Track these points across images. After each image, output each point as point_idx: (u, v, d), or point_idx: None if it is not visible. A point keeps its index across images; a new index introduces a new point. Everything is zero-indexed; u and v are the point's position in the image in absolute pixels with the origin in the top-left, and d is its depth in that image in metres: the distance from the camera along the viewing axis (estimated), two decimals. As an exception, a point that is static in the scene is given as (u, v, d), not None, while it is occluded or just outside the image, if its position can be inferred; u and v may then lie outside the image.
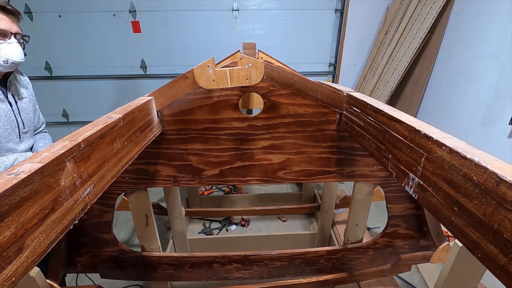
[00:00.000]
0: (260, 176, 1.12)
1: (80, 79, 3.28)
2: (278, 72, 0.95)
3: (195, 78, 0.91)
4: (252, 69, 0.90)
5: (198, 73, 0.90)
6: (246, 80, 0.92)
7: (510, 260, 0.32)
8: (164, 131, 1.02)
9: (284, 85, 0.97)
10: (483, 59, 2.30)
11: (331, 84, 1.18)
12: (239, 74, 0.91)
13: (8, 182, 0.34)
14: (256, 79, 0.92)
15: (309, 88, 0.97)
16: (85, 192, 0.50)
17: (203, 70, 0.90)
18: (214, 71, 0.90)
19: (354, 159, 1.11)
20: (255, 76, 0.92)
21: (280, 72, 0.95)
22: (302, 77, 0.97)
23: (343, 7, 3.11)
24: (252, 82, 0.93)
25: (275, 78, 0.95)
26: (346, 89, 1.02)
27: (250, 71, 0.91)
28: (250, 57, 0.90)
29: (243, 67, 0.90)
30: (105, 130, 0.59)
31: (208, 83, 0.91)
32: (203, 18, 3.02)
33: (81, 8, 2.96)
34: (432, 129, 0.50)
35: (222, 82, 0.92)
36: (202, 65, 0.89)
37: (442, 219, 0.44)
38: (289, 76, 0.96)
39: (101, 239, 1.21)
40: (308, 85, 0.97)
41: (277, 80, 0.96)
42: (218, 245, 2.04)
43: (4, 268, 0.32)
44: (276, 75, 0.95)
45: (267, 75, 0.93)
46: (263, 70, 0.92)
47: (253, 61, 0.89)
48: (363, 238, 1.34)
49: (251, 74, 0.91)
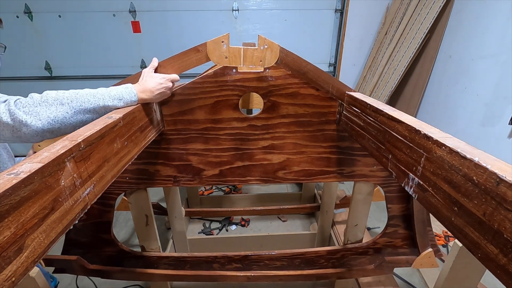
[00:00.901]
0: (260, 176, 1.12)
1: (80, 79, 3.28)
2: (292, 58, 0.92)
3: (208, 53, 0.88)
4: (267, 51, 0.88)
5: (211, 47, 0.88)
6: (259, 61, 0.90)
7: (510, 260, 0.32)
8: (164, 131, 1.02)
9: (298, 72, 0.94)
10: (483, 59, 2.30)
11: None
12: (253, 55, 0.89)
13: (8, 182, 0.34)
14: (270, 61, 0.90)
15: (321, 79, 0.95)
16: (85, 192, 0.50)
17: (216, 45, 0.87)
18: (228, 48, 0.87)
19: (354, 159, 1.11)
20: (269, 58, 0.90)
21: (295, 59, 0.93)
22: (315, 67, 0.95)
23: (343, 7, 3.11)
24: (265, 65, 0.91)
25: (289, 64, 0.93)
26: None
27: (265, 52, 0.88)
28: (266, 38, 0.87)
29: (259, 48, 0.88)
30: (105, 130, 0.59)
31: (220, 59, 0.89)
32: (203, 18, 3.01)
33: (81, 8, 2.96)
34: (432, 129, 0.50)
35: (234, 61, 0.90)
36: (216, 39, 0.87)
37: (442, 219, 0.44)
38: (303, 63, 0.93)
39: (101, 239, 1.21)
40: (321, 75, 0.95)
41: (291, 66, 0.93)
42: (218, 245, 2.03)
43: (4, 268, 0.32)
44: (290, 61, 0.93)
45: (281, 60, 0.91)
46: (278, 54, 0.89)
47: (269, 43, 0.87)
48: (363, 238, 1.34)
49: (266, 56, 0.89)
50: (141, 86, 0.83)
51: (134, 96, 0.79)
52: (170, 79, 0.88)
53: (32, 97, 0.68)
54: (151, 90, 0.84)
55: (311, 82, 0.96)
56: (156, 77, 0.86)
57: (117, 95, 0.76)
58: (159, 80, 0.86)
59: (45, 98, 0.68)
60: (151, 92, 0.84)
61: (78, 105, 0.70)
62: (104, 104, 0.73)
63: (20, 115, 0.65)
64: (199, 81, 0.96)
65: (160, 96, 0.88)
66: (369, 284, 1.61)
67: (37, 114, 0.67)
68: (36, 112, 0.67)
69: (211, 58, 0.88)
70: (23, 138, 0.68)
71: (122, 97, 0.76)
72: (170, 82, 0.88)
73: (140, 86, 0.83)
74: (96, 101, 0.72)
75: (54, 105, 0.68)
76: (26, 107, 0.66)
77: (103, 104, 0.73)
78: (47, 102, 0.68)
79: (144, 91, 0.82)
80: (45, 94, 0.69)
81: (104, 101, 0.73)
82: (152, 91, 0.84)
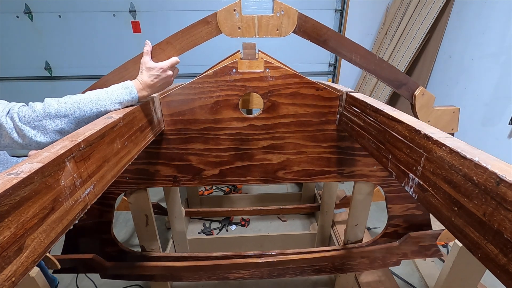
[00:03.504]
0: (260, 176, 1.12)
1: (80, 79, 3.28)
2: (312, 24, 0.85)
3: (218, 24, 0.80)
4: (284, 18, 0.81)
5: (222, 17, 0.80)
6: (276, 31, 0.83)
7: (510, 260, 0.32)
8: (164, 131, 1.02)
9: (317, 40, 0.87)
10: (483, 59, 2.30)
11: (331, 84, 1.18)
12: (269, 23, 0.81)
13: (8, 182, 0.34)
14: (287, 29, 0.83)
15: (344, 46, 0.87)
16: (85, 192, 0.50)
17: (228, 14, 0.80)
18: (240, 17, 0.80)
19: (354, 159, 1.11)
20: (286, 26, 0.82)
21: (315, 25, 0.85)
22: (337, 34, 0.88)
23: (343, 7, 3.11)
24: (282, 34, 0.83)
25: (308, 31, 0.85)
26: (346, 89, 1.02)
27: (281, 20, 0.81)
28: (282, 3, 0.80)
29: (274, 14, 0.80)
30: (105, 130, 0.59)
31: (232, 30, 0.82)
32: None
33: (81, 8, 2.96)
34: (432, 129, 0.50)
35: (248, 31, 0.82)
36: (227, 8, 0.79)
37: (442, 219, 0.44)
38: (323, 30, 0.86)
39: (101, 239, 1.21)
40: (343, 42, 0.87)
41: (309, 33, 0.85)
42: (218, 245, 2.03)
43: (4, 268, 0.32)
44: (310, 28, 0.85)
45: (299, 27, 0.83)
46: (296, 20, 0.82)
47: (286, 8, 0.80)
48: (363, 238, 1.34)
49: (282, 23, 0.81)
50: (141, 83, 0.80)
51: (135, 95, 0.77)
52: (167, 67, 0.83)
53: (34, 110, 0.67)
54: (150, 86, 0.81)
55: (333, 51, 0.89)
56: (153, 69, 0.82)
57: (118, 98, 0.75)
58: (156, 72, 0.81)
59: (48, 110, 0.67)
60: (151, 88, 0.81)
61: (81, 115, 0.70)
62: (106, 110, 0.73)
63: (28, 131, 0.65)
64: (199, 81, 0.96)
65: (162, 88, 0.85)
66: (369, 284, 1.61)
67: (43, 128, 0.67)
68: (42, 126, 0.67)
69: (223, 30, 0.81)
70: (30, 149, 0.70)
71: (123, 99, 0.75)
72: (169, 70, 0.84)
73: (139, 83, 0.80)
74: (98, 108, 0.71)
75: (58, 117, 0.68)
76: (32, 122, 0.66)
77: (105, 110, 0.73)
78: (50, 114, 0.67)
79: (144, 88, 0.80)
80: (46, 105, 0.68)
81: (105, 106, 0.72)
82: (152, 85, 0.81)
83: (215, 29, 0.82)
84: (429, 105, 1.06)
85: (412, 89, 1.04)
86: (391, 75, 0.99)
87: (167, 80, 0.85)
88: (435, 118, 1.09)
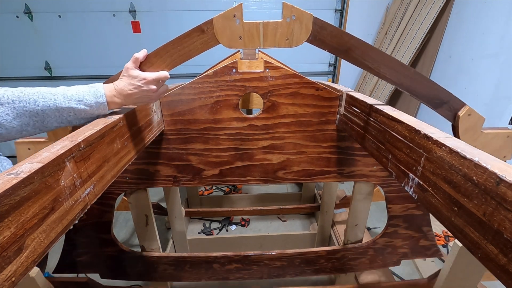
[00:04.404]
0: (260, 176, 1.12)
1: (80, 79, 3.28)
2: (330, 32, 0.69)
3: (215, 33, 0.68)
4: (296, 24, 0.67)
5: (220, 25, 0.68)
6: (285, 40, 0.69)
7: (510, 260, 0.32)
8: (164, 131, 1.02)
9: (336, 50, 0.72)
10: (483, 59, 2.30)
11: (331, 84, 1.18)
12: (277, 31, 0.67)
13: (8, 182, 0.34)
14: (300, 38, 0.69)
15: (370, 57, 0.72)
16: (85, 192, 0.50)
17: (227, 22, 0.68)
18: (242, 24, 0.67)
19: (354, 159, 1.11)
20: (298, 34, 0.68)
21: (334, 32, 0.69)
22: (363, 42, 0.73)
23: (343, 7, 3.11)
24: (293, 43, 0.69)
25: (325, 40, 0.70)
26: (346, 89, 1.02)
27: (292, 26, 0.67)
28: (294, 6, 0.66)
29: (284, 20, 0.67)
30: (105, 130, 0.59)
31: (232, 41, 0.69)
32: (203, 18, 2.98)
33: (81, 8, 2.96)
34: (432, 129, 0.50)
35: (251, 41, 0.69)
36: (226, 13, 0.67)
37: (442, 219, 0.44)
38: (345, 38, 0.71)
39: (101, 239, 1.21)
40: (370, 53, 0.73)
41: (327, 42, 0.71)
42: (218, 245, 2.03)
43: (4, 268, 0.32)
44: (327, 36, 0.69)
45: (314, 35, 0.69)
46: (310, 27, 0.67)
47: (298, 13, 0.66)
48: (363, 238, 1.34)
49: (293, 31, 0.67)
50: (115, 89, 0.68)
51: (101, 99, 0.65)
52: (152, 80, 0.69)
53: None
54: (126, 94, 0.68)
55: (355, 62, 0.74)
56: (135, 78, 0.68)
57: (76, 96, 0.63)
58: (137, 82, 0.68)
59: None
60: (127, 98, 0.68)
61: (21, 106, 0.59)
62: (56, 106, 0.61)
63: None
64: (199, 81, 0.96)
65: (139, 102, 0.72)
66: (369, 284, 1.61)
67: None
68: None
69: (221, 40, 0.69)
70: None
71: (83, 98, 0.63)
72: (152, 84, 0.70)
73: (114, 88, 0.68)
74: (45, 102, 0.60)
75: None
76: None
77: (55, 106, 0.61)
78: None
79: (118, 95, 0.68)
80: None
81: (56, 102, 0.61)
82: (128, 95, 0.68)
83: (211, 39, 0.70)
84: (477, 128, 0.88)
85: (455, 108, 0.87)
86: (429, 91, 0.81)
87: (148, 95, 0.71)
88: (483, 142, 0.92)
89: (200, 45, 0.71)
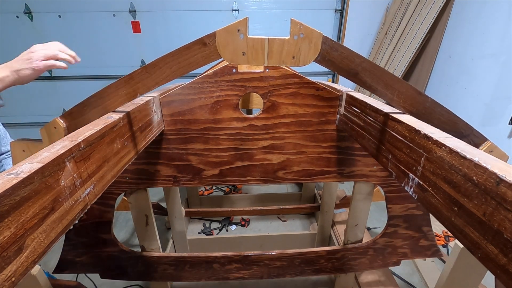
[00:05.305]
0: (260, 176, 1.12)
1: (80, 79, 3.28)
2: (340, 53, 0.66)
3: (217, 47, 0.65)
4: (304, 43, 0.63)
5: (223, 39, 0.64)
6: (291, 59, 0.66)
7: (510, 260, 0.32)
8: (164, 131, 1.02)
9: (346, 72, 0.68)
10: (483, 59, 2.30)
11: (331, 84, 1.18)
12: (283, 49, 0.64)
13: (8, 182, 0.34)
14: (307, 58, 0.66)
15: (383, 82, 0.68)
16: (85, 192, 0.50)
17: (230, 36, 0.64)
18: (246, 39, 0.64)
19: (354, 159, 1.11)
20: (306, 53, 0.65)
21: (344, 54, 0.66)
22: (375, 65, 0.68)
23: (343, 7, 3.11)
24: (300, 63, 0.66)
25: (335, 61, 0.67)
26: (346, 89, 1.02)
27: (300, 45, 0.64)
28: (303, 24, 0.63)
29: (291, 38, 0.63)
30: (105, 130, 0.59)
31: (235, 56, 0.66)
32: (203, 18, 3.02)
33: (81, 8, 2.96)
34: (432, 129, 0.50)
35: (255, 58, 0.66)
36: (229, 27, 0.63)
37: (442, 219, 0.44)
38: (356, 60, 0.66)
39: (101, 239, 1.21)
40: (383, 77, 0.68)
41: (337, 64, 0.67)
42: (218, 245, 2.03)
43: (4, 268, 0.32)
44: (337, 57, 0.66)
45: (323, 55, 0.66)
46: (319, 46, 0.64)
47: (307, 30, 0.62)
48: (363, 238, 1.34)
49: (301, 50, 0.64)
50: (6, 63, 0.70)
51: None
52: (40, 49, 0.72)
53: None
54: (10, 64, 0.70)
55: (365, 86, 0.70)
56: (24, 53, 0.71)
57: None
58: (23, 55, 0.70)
59: None
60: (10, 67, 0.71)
61: None
62: None
63: None
64: (199, 81, 0.96)
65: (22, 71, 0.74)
66: (369, 284, 1.61)
67: None
68: None
69: (223, 55, 0.66)
70: None
71: None
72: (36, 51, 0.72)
73: None
74: None
75: None
76: None
77: None
78: None
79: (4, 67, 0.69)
80: None
81: None
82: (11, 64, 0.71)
83: (213, 53, 0.67)
84: None
85: (476, 143, 0.80)
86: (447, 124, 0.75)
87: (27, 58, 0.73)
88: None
89: (201, 59, 0.68)
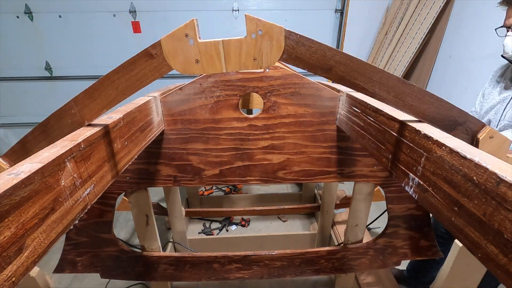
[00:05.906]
0: (260, 176, 1.12)
1: (80, 79, 3.28)
2: (308, 48, 0.56)
3: (166, 57, 0.56)
4: (264, 41, 0.55)
5: (171, 48, 0.55)
6: (253, 61, 0.57)
7: (510, 260, 0.32)
8: (165, 131, 1.02)
9: (319, 69, 0.59)
10: (483, 59, 2.30)
11: (331, 84, 1.18)
12: (241, 51, 0.56)
13: (8, 182, 0.34)
14: (271, 58, 0.56)
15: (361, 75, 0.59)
16: (85, 192, 0.50)
17: (178, 43, 0.55)
18: (197, 44, 0.55)
19: (354, 159, 1.11)
20: (268, 53, 0.56)
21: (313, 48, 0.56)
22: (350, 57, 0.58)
23: (343, 7, 3.11)
24: (263, 65, 0.57)
25: (304, 58, 0.57)
26: (346, 89, 1.02)
27: (259, 44, 0.55)
28: (260, 19, 0.53)
29: (248, 36, 0.54)
30: (105, 130, 0.59)
31: (187, 66, 0.57)
32: (203, 18, 3.02)
33: (81, 8, 2.96)
34: (432, 129, 0.50)
35: (211, 65, 0.57)
36: (175, 33, 0.54)
37: (442, 219, 0.44)
38: (328, 54, 0.57)
39: (101, 239, 1.21)
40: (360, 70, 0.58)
41: (307, 61, 0.58)
42: (218, 245, 2.03)
43: (4, 268, 0.32)
44: (306, 53, 0.56)
45: (289, 53, 0.56)
46: (282, 44, 0.55)
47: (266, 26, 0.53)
48: (363, 238, 1.34)
49: (262, 49, 0.55)
50: None
51: None
52: None
53: None
54: None
55: (343, 81, 0.61)
56: None
57: None
58: None
59: None
60: None
61: None
62: None
63: None
64: (199, 81, 0.96)
65: None
66: (369, 284, 1.61)
67: None
68: None
69: (174, 66, 0.57)
70: None
71: None
72: None
73: None
74: None
75: None
76: None
77: None
78: None
79: None
80: None
81: None
82: None
83: (162, 64, 0.57)
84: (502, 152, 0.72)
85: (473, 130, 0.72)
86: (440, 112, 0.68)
87: None
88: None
89: (149, 72, 0.58)
